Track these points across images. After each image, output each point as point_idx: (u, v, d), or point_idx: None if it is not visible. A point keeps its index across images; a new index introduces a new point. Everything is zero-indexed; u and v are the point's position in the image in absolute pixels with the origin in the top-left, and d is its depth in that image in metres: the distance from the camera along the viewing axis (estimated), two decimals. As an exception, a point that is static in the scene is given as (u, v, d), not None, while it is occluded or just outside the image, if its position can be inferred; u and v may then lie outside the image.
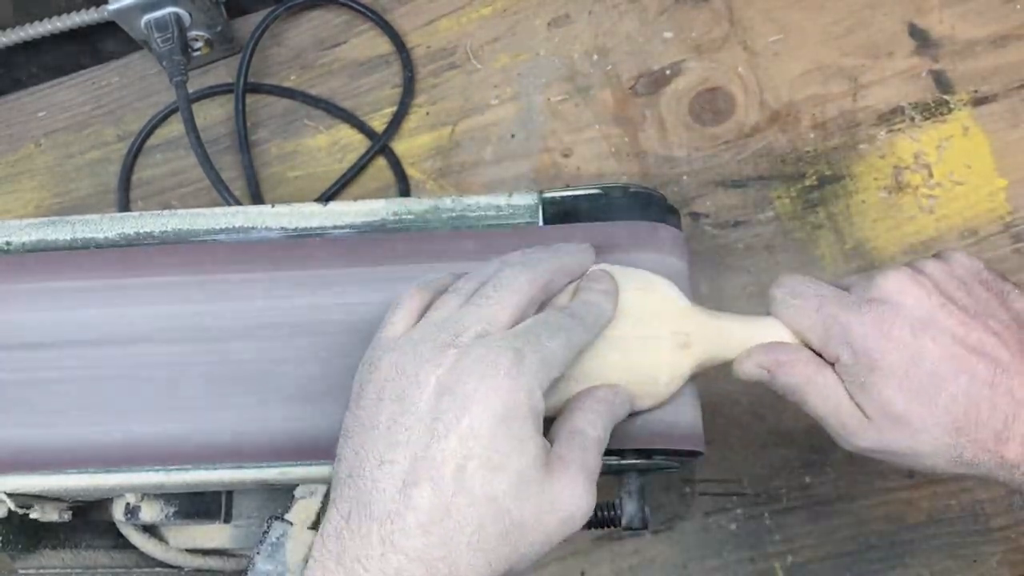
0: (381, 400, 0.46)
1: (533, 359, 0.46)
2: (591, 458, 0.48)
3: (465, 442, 0.44)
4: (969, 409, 0.50)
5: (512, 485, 0.44)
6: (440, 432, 0.44)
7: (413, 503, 0.44)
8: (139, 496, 0.64)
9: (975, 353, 0.51)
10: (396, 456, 0.45)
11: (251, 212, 0.63)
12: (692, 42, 0.85)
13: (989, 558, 0.72)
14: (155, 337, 0.59)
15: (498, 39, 0.87)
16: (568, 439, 0.48)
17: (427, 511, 0.44)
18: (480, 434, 0.44)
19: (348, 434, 0.48)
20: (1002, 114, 0.80)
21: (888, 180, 0.80)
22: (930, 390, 0.50)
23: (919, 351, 0.51)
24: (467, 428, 0.44)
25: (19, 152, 0.90)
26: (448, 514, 0.44)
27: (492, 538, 0.44)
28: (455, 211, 0.62)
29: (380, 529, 0.44)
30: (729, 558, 0.74)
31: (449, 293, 0.51)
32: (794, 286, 0.54)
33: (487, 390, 0.45)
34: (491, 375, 0.45)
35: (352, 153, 0.86)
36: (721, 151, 0.82)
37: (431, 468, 0.44)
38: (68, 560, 0.68)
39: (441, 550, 0.44)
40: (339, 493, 0.46)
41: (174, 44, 0.81)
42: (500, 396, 0.45)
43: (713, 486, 0.76)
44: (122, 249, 0.62)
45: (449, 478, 0.44)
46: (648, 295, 0.55)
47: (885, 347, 0.51)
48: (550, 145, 0.84)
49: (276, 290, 0.59)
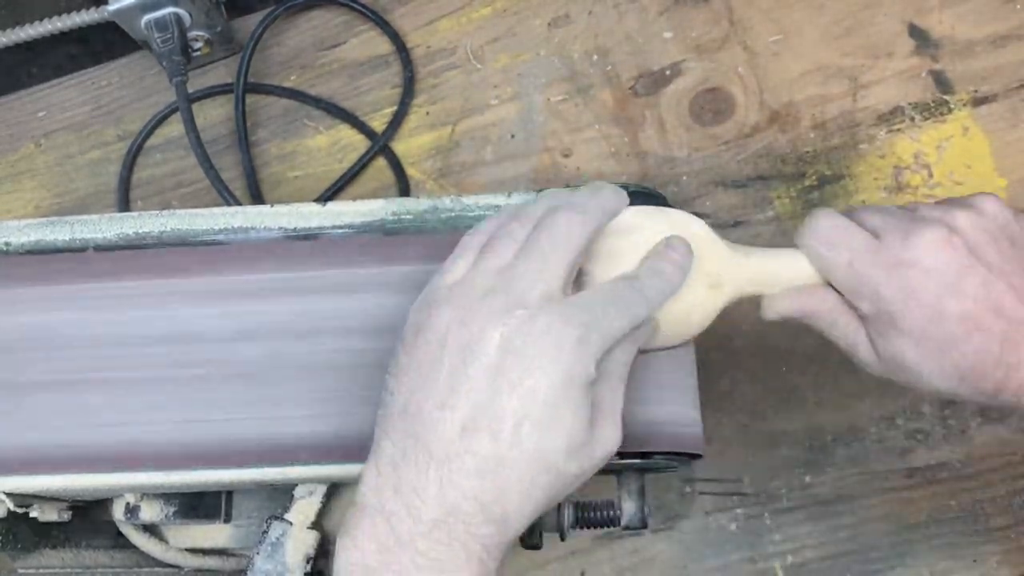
0: (444, 346, 0.48)
1: (596, 338, 0.48)
2: (619, 396, 0.51)
3: (525, 402, 0.47)
4: (976, 365, 0.52)
5: (563, 445, 0.47)
6: (503, 388, 0.47)
7: (472, 448, 0.46)
8: (139, 496, 0.64)
9: (992, 312, 0.52)
10: (458, 402, 0.47)
11: (250, 212, 0.63)
12: (692, 42, 0.85)
13: (989, 558, 0.72)
14: (159, 339, 0.59)
15: (498, 39, 0.87)
16: (603, 384, 0.50)
17: (484, 458, 0.46)
18: (539, 397, 0.47)
19: (402, 371, 0.49)
20: (1002, 114, 0.80)
21: (888, 180, 0.80)
22: (943, 348, 0.53)
23: (940, 313, 0.52)
24: (528, 390, 0.47)
25: (19, 152, 0.90)
26: (503, 464, 0.46)
27: (540, 487, 0.47)
28: (454, 211, 0.62)
29: (438, 467, 0.46)
30: (729, 558, 0.74)
31: (502, 237, 0.51)
32: (828, 234, 0.55)
33: (551, 360, 0.47)
34: (556, 347, 0.47)
35: (352, 153, 0.86)
36: (721, 151, 0.82)
37: (491, 420, 0.46)
38: (68, 560, 0.68)
39: (493, 493, 0.46)
40: (391, 425, 0.48)
41: (174, 44, 0.81)
42: (562, 367, 0.47)
43: (713, 486, 0.76)
44: (126, 251, 0.62)
45: (507, 432, 0.46)
46: (684, 234, 0.55)
47: (908, 308, 0.53)
48: (550, 145, 0.84)
49: (277, 292, 0.59)
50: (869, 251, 0.54)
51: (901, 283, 0.53)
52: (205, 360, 0.58)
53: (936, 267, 0.53)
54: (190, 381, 0.58)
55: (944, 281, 0.52)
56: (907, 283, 0.53)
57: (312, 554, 0.59)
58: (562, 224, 0.50)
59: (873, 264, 0.54)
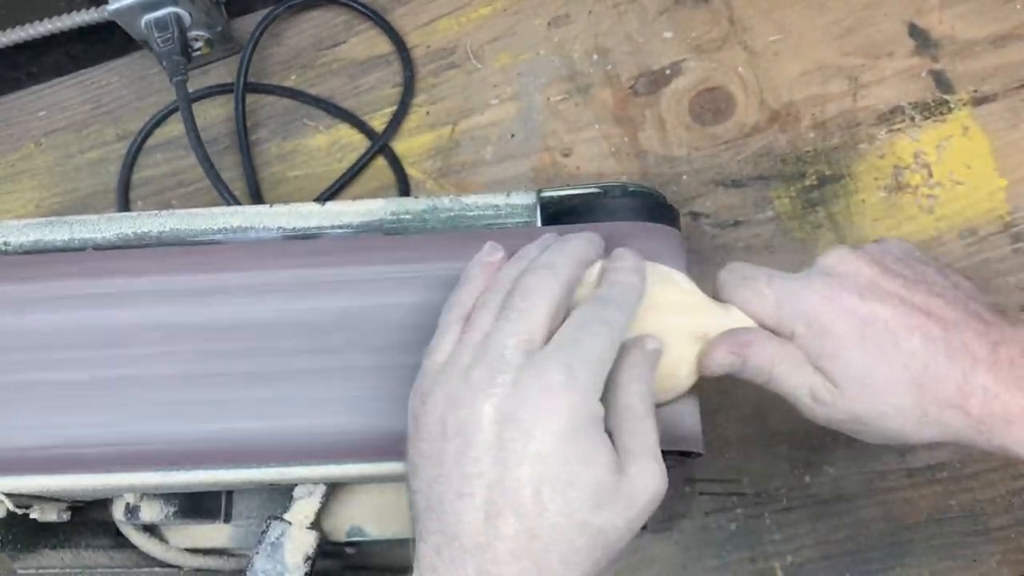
0: (444, 434, 0.47)
1: (583, 368, 0.47)
2: (651, 433, 0.49)
3: (536, 468, 0.45)
4: (928, 364, 0.51)
5: (589, 497, 0.46)
6: (511, 462, 0.45)
7: (500, 533, 0.45)
8: (139, 496, 0.64)
9: (923, 312, 0.52)
10: (472, 488, 0.46)
11: (249, 212, 0.63)
12: (692, 42, 0.85)
13: (989, 558, 0.72)
14: (160, 338, 0.59)
15: (498, 39, 0.87)
16: (625, 424, 0.49)
17: (514, 538, 0.45)
18: (548, 458, 0.45)
19: (417, 467, 0.48)
20: (1002, 114, 0.80)
21: (888, 180, 0.80)
22: (887, 346, 0.52)
23: (869, 313, 0.52)
24: (535, 454, 0.45)
25: (19, 152, 0.90)
26: (535, 537, 0.45)
27: (581, 550, 0.46)
28: (453, 211, 0.62)
29: (474, 560, 0.45)
30: (729, 558, 0.74)
31: (479, 308, 0.51)
32: (742, 269, 0.56)
33: (546, 413, 0.46)
34: (547, 397, 0.46)
35: (352, 153, 0.86)
36: (721, 151, 0.82)
37: (509, 497, 0.45)
38: (68, 560, 0.68)
39: (535, 571, 0.45)
40: (424, 526, 0.47)
41: (174, 44, 0.81)
42: (560, 416, 0.46)
43: (713, 486, 0.76)
44: (124, 251, 0.62)
45: (529, 504, 0.45)
46: (666, 287, 0.55)
47: (836, 314, 0.52)
48: (550, 145, 0.84)
49: (285, 290, 0.59)
50: (784, 274, 0.55)
51: (822, 289, 0.53)
52: (207, 358, 0.58)
53: (848, 273, 0.53)
54: (189, 380, 0.58)
55: (861, 284, 0.53)
56: (827, 288, 0.53)
57: (312, 554, 0.60)
58: (532, 282, 0.50)
59: (789, 279, 0.54)
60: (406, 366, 0.54)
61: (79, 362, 0.58)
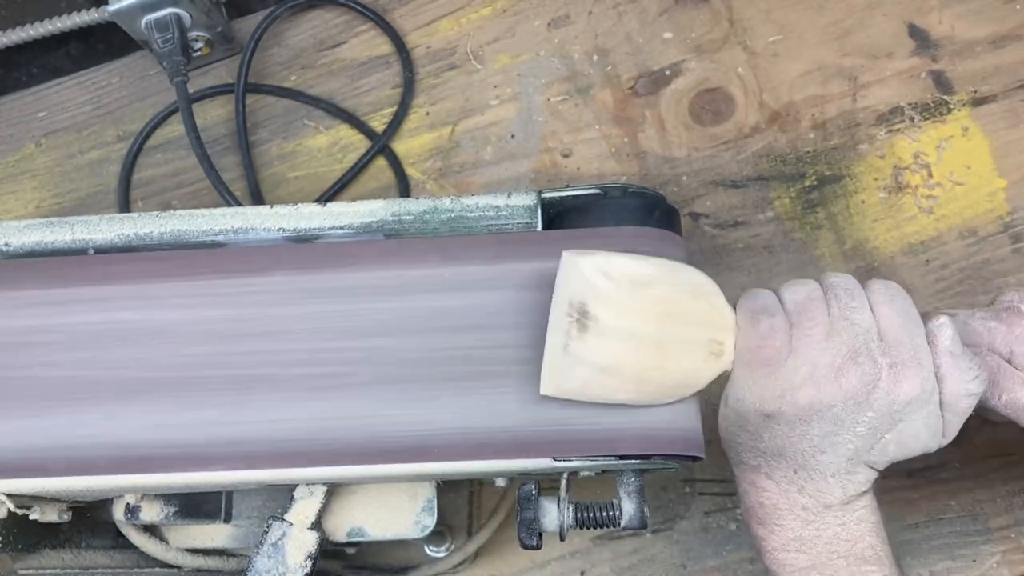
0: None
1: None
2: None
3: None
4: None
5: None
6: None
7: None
8: (139, 496, 0.64)
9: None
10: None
11: (250, 213, 0.63)
12: (692, 42, 0.85)
13: (989, 558, 0.72)
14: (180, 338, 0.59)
15: (498, 39, 0.87)
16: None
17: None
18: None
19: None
20: (1002, 114, 0.80)
21: (888, 180, 0.80)
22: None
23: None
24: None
25: (19, 152, 0.90)
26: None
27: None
28: (454, 211, 0.62)
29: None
30: (729, 558, 0.74)
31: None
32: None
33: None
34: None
35: (352, 153, 0.86)
36: (721, 151, 0.82)
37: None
38: (68, 560, 0.68)
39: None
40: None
41: (174, 44, 0.81)
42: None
43: (713, 486, 0.76)
44: (124, 253, 0.62)
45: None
46: (697, 301, 0.56)
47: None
48: (550, 145, 0.84)
49: (293, 294, 0.59)
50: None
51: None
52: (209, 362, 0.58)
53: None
54: (191, 383, 0.58)
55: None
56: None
57: (313, 554, 0.60)
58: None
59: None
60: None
61: (81, 363, 0.58)
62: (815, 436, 0.54)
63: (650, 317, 0.54)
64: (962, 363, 0.54)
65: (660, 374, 0.54)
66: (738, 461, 0.58)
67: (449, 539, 0.74)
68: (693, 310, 0.55)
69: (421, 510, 0.64)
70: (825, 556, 0.56)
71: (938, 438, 0.55)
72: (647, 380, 0.54)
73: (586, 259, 0.54)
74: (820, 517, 0.56)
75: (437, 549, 0.73)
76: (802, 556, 0.56)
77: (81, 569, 0.68)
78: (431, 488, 0.64)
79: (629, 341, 0.53)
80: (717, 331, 0.55)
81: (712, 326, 0.55)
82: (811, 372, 0.53)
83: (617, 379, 0.54)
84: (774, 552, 0.57)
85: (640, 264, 0.55)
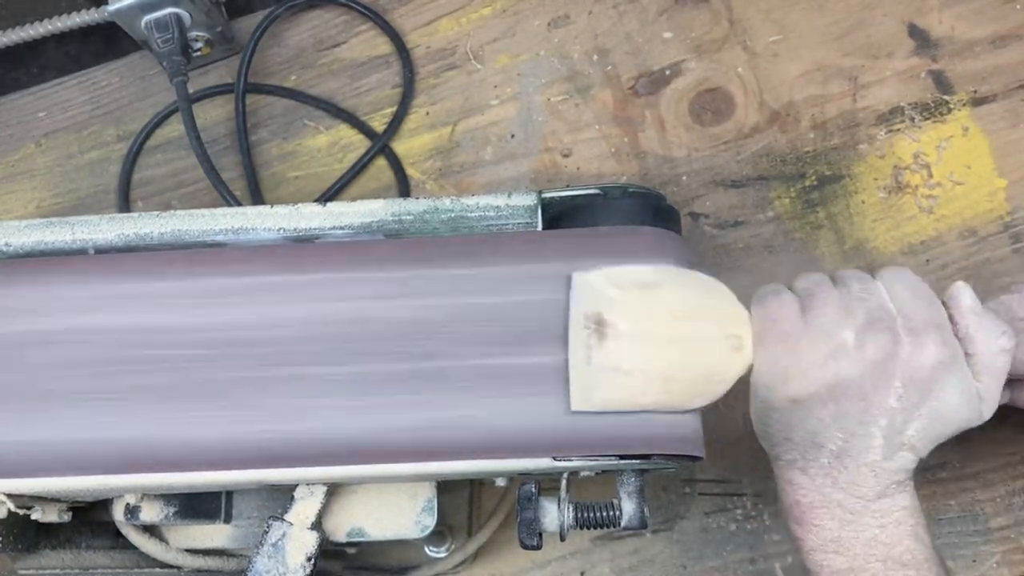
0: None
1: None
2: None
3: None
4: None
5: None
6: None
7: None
8: (139, 496, 0.64)
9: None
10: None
11: (250, 213, 0.63)
12: (692, 42, 0.85)
13: (989, 558, 0.72)
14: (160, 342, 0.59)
15: (498, 39, 0.87)
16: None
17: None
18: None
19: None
20: (1002, 114, 0.80)
21: (888, 180, 0.80)
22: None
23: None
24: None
25: (19, 152, 0.90)
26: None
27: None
28: (454, 211, 0.62)
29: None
30: (729, 558, 0.74)
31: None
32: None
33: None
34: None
35: (352, 153, 0.86)
36: (721, 151, 0.82)
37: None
38: (68, 560, 0.68)
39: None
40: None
41: (174, 44, 0.81)
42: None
43: (713, 486, 0.76)
44: (124, 254, 0.62)
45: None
46: (709, 298, 0.57)
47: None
48: (550, 145, 0.84)
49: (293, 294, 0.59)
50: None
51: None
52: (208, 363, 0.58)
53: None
54: (191, 383, 0.58)
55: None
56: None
57: (313, 554, 0.60)
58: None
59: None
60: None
61: (81, 363, 0.58)
62: (845, 416, 0.54)
63: (665, 317, 0.55)
64: (987, 321, 0.54)
65: (684, 371, 0.55)
66: (775, 457, 0.58)
67: (449, 539, 0.74)
68: (706, 307, 0.56)
69: (421, 510, 0.64)
70: (863, 559, 0.55)
71: (977, 407, 0.55)
72: (673, 378, 0.55)
73: (593, 273, 0.56)
74: (858, 518, 0.55)
75: (437, 549, 0.73)
76: (840, 558, 0.55)
77: (81, 569, 0.68)
78: (431, 488, 0.64)
79: (649, 342, 0.55)
80: (733, 326, 0.56)
81: (727, 321, 0.56)
82: (829, 347, 0.53)
83: (643, 380, 0.54)
84: (812, 553, 0.56)
85: (645, 270, 0.56)
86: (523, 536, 0.58)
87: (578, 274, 0.56)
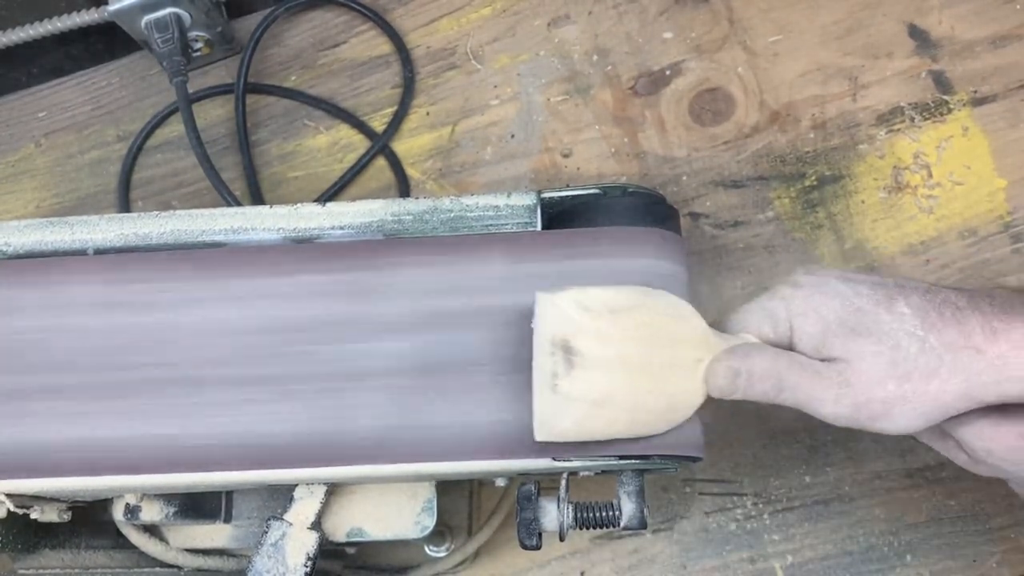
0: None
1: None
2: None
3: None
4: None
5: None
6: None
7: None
8: (139, 496, 0.64)
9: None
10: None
11: (250, 213, 0.63)
12: (692, 42, 0.85)
13: (989, 558, 0.72)
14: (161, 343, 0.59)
15: (498, 39, 0.87)
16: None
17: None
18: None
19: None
20: (1002, 114, 0.80)
21: (888, 180, 0.80)
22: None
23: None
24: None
25: (19, 152, 0.90)
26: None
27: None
28: (454, 211, 0.62)
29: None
30: (729, 558, 0.75)
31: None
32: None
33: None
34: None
35: (352, 153, 0.87)
36: (721, 151, 0.82)
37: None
38: (68, 560, 0.68)
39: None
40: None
41: (174, 44, 0.81)
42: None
43: (713, 486, 0.76)
44: (124, 254, 0.62)
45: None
46: (677, 322, 0.55)
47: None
48: (550, 145, 0.84)
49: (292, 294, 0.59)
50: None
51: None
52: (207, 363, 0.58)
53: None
54: (191, 382, 0.58)
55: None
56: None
57: (313, 554, 0.60)
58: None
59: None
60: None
61: (80, 363, 0.58)
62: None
63: (635, 342, 0.53)
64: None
65: (654, 398, 0.53)
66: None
67: (449, 539, 0.74)
68: (676, 331, 0.54)
69: (421, 510, 0.64)
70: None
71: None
72: (642, 407, 0.53)
73: (561, 295, 0.53)
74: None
75: (437, 549, 0.73)
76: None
77: (81, 569, 0.68)
78: (431, 488, 0.64)
79: (618, 369, 0.52)
80: (703, 350, 0.55)
81: (697, 345, 0.54)
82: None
83: (612, 411, 0.53)
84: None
85: (615, 292, 0.54)
86: (523, 536, 0.58)
87: (542, 294, 0.54)
